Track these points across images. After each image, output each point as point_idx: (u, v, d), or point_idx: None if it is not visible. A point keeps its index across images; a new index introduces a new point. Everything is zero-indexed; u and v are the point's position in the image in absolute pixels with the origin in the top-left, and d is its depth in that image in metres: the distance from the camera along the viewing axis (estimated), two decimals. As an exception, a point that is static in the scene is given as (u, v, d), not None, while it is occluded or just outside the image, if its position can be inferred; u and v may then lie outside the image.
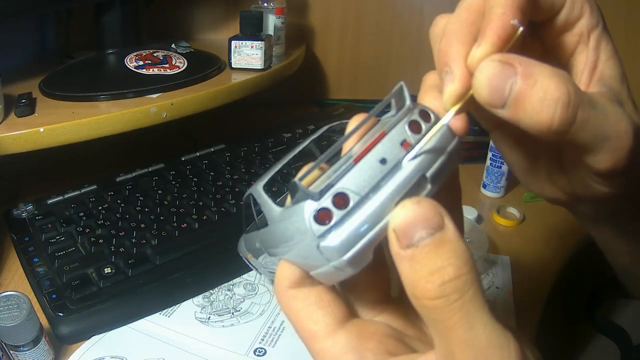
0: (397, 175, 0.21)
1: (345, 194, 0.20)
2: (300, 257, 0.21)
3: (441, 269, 0.19)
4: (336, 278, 0.21)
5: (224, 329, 0.49)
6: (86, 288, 0.49)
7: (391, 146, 0.21)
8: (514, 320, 0.51)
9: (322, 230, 0.20)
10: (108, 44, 0.76)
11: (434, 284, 0.19)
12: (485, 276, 0.57)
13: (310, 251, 0.20)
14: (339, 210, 0.20)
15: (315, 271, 0.21)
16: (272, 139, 0.77)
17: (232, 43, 0.75)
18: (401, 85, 0.24)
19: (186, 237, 0.56)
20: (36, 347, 0.42)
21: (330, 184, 0.20)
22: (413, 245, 0.19)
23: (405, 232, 0.19)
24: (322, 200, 0.20)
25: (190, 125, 0.72)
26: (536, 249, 0.64)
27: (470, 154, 0.86)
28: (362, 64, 1.06)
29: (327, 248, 0.20)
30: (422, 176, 0.21)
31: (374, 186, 0.20)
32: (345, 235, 0.20)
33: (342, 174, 0.20)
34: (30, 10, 0.66)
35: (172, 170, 0.68)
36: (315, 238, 0.20)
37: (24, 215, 0.60)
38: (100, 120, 0.60)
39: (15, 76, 0.71)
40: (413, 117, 0.23)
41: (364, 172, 0.20)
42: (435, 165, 0.21)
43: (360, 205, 0.20)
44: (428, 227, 0.19)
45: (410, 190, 0.20)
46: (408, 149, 0.21)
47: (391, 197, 0.20)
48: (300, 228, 0.20)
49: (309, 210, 0.20)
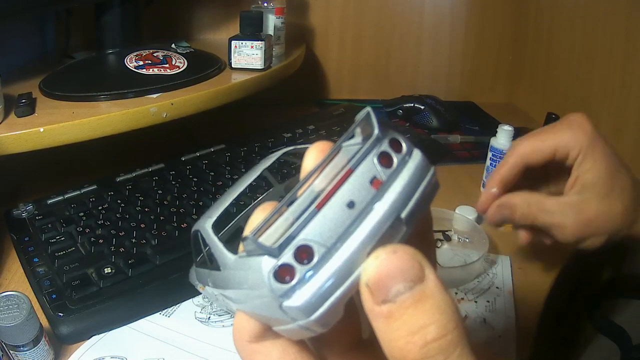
0: (367, 219, 0.18)
1: (309, 246, 0.17)
2: (260, 311, 0.19)
3: (423, 327, 0.17)
4: (302, 336, 0.19)
5: (224, 329, 0.49)
6: (86, 288, 0.49)
7: (359, 186, 0.18)
8: (514, 320, 0.51)
9: (285, 289, 0.17)
10: (108, 44, 0.76)
11: (416, 345, 0.17)
12: (485, 276, 0.57)
13: (272, 309, 0.18)
14: (302, 265, 0.17)
15: (279, 327, 0.19)
16: (272, 139, 0.77)
17: (232, 43, 0.75)
18: (368, 111, 0.20)
19: (186, 237, 0.56)
20: (36, 347, 0.42)
21: (291, 236, 0.17)
22: (389, 300, 0.17)
23: (380, 286, 0.17)
24: (283, 255, 0.17)
25: (190, 125, 0.72)
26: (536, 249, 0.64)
27: (470, 154, 0.86)
28: (362, 64, 1.07)
29: (292, 308, 0.17)
30: (396, 218, 0.18)
31: (341, 234, 0.18)
32: (311, 294, 0.17)
33: (304, 223, 0.18)
34: (30, 10, 0.66)
35: (172, 170, 0.68)
36: (277, 297, 0.17)
37: (24, 215, 0.60)
38: (100, 120, 0.60)
39: (15, 76, 0.71)
40: (382, 147, 0.19)
41: (329, 219, 0.18)
42: (411, 203, 0.18)
43: (326, 258, 0.17)
44: (406, 279, 0.17)
45: (384, 236, 0.18)
46: (379, 187, 0.18)
47: (362, 246, 0.17)
48: (259, 284, 0.18)
49: (267, 266, 0.17)
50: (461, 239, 0.64)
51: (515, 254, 0.62)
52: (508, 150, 0.49)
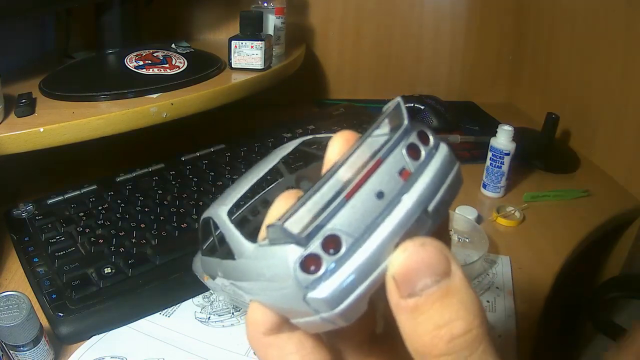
0: (395, 211, 0.17)
1: (337, 236, 0.17)
2: (279, 303, 0.18)
3: (449, 322, 0.17)
4: (323, 329, 0.18)
5: (224, 329, 0.49)
6: (86, 288, 0.49)
7: (389, 177, 0.18)
8: (514, 320, 0.51)
9: (310, 279, 0.17)
10: (108, 44, 0.76)
11: (442, 339, 0.17)
12: (485, 276, 0.57)
13: (294, 300, 0.17)
14: (330, 256, 0.17)
15: (298, 320, 0.18)
16: (272, 139, 0.77)
17: (232, 43, 0.75)
18: (398, 102, 0.20)
19: (186, 237, 0.56)
20: (36, 347, 0.42)
21: (319, 225, 0.17)
22: (416, 294, 0.17)
23: (407, 279, 0.17)
24: (311, 244, 0.17)
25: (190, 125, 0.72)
26: (536, 249, 0.64)
27: (470, 154, 0.86)
28: (362, 64, 1.06)
29: (317, 300, 0.17)
30: (423, 210, 0.18)
31: (369, 225, 0.17)
32: (337, 285, 0.17)
33: (333, 213, 0.17)
34: (30, 10, 0.66)
35: (172, 170, 0.68)
36: (301, 289, 0.17)
37: (24, 215, 0.60)
38: (100, 120, 0.60)
39: (15, 76, 0.70)
40: (411, 139, 0.19)
41: (358, 210, 0.17)
42: (438, 196, 0.18)
43: (354, 249, 0.17)
44: (433, 273, 0.17)
45: (411, 229, 0.17)
46: (407, 179, 0.18)
47: (390, 238, 0.17)
48: (282, 274, 0.17)
49: (293, 256, 0.17)
50: (461, 239, 0.64)
51: (515, 254, 0.62)
52: None
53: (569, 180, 0.81)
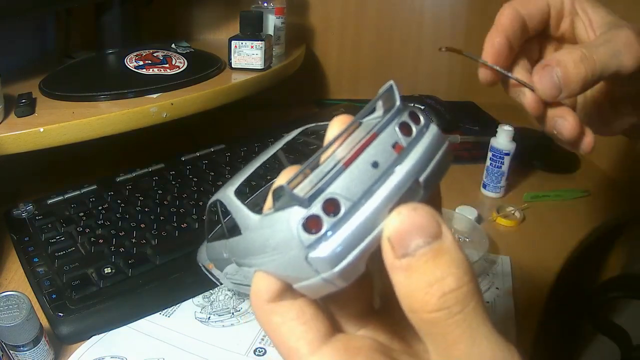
0: (390, 179, 0.19)
1: (336, 199, 0.18)
2: (283, 268, 0.20)
3: (441, 279, 0.18)
4: (323, 291, 0.20)
5: (224, 329, 0.49)
6: (86, 288, 0.49)
7: (382, 149, 0.20)
8: (513, 320, 0.51)
9: (312, 239, 0.18)
10: (108, 44, 0.76)
11: (434, 295, 0.18)
12: (485, 276, 0.57)
13: (297, 262, 0.19)
14: (330, 217, 0.18)
15: (300, 284, 0.20)
16: (272, 139, 0.77)
17: (232, 43, 0.75)
18: (391, 84, 0.22)
19: (186, 237, 0.56)
20: (36, 347, 0.42)
21: (320, 189, 0.18)
22: (409, 254, 0.18)
23: (401, 240, 0.18)
24: (312, 206, 0.18)
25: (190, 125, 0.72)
26: (536, 249, 0.64)
27: (470, 154, 0.86)
28: (362, 64, 1.06)
29: (317, 259, 0.18)
30: (415, 181, 0.20)
31: (366, 191, 0.19)
32: (337, 245, 0.18)
33: (332, 178, 0.19)
34: (30, 10, 0.66)
35: (172, 170, 0.68)
36: (303, 248, 0.18)
37: (24, 215, 0.60)
38: (100, 120, 0.60)
39: (15, 76, 0.70)
40: (403, 118, 0.21)
41: (355, 177, 0.19)
42: (428, 169, 0.20)
43: (352, 212, 0.18)
44: (425, 235, 0.18)
45: (404, 196, 0.19)
46: (400, 152, 0.20)
47: (385, 203, 0.19)
48: (286, 237, 0.19)
49: (296, 217, 0.18)
50: (461, 238, 0.64)
51: (515, 254, 0.62)
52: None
53: (569, 180, 0.81)
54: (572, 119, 0.39)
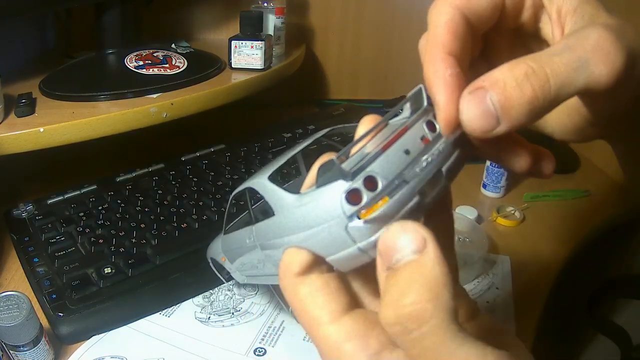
0: (418, 165, 0.22)
1: (375, 177, 0.21)
2: (321, 240, 0.21)
3: (401, 295, 0.19)
4: (356, 262, 0.22)
5: (224, 329, 0.49)
6: (86, 288, 0.49)
7: (413, 140, 0.23)
8: (513, 320, 0.51)
9: (353, 210, 0.20)
10: (108, 44, 0.76)
11: (393, 310, 0.19)
12: (485, 276, 0.57)
13: (336, 232, 0.21)
14: (369, 192, 0.21)
15: (334, 256, 0.21)
16: (272, 139, 0.77)
17: (232, 43, 0.75)
18: (420, 87, 0.25)
19: (186, 237, 0.56)
20: (36, 347, 0.42)
21: (361, 167, 0.21)
22: (390, 267, 0.19)
23: (386, 253, 0.20)
24: (355, 181, 0.20)
25: (190, 125, 0.72)
26: (536, 249, 0.64)
27: (470, 154, 0.86)
28: (362, 64, 1.06)
29: (357, 228, 0.20)
30: (439, 170, 0.22)
31: (398, 174, 0.21)
32: (374, 216, 0.20)
33: (372, 159, 0.21)
34: (30, 10, 0.66)
35: (172, 170, 0.68)
36: (345, 218, 0.20)
37: (24, 215, 0.60)
38: (100, 120, 0.60)
39: (15, 76, 0.70)
40: (429, 117, 0.24)
41: (390, 160, 0.22)
42: (449, 161, 0.23)
43: (387, 189, 0.21)
44: (404, 250, 0.19)
45: (430, 181, 0.22)
46: (427, 144, 0.23)
47: (414, 186, 0.21)
48: (328, 208, 0.21)
49: (340, 189, 0.20)
50: (461, 238, 0.64)
51: (515, 254, 0.62)
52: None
53: (569, 180, 0.81)
54: (524, 153, 0.28)
